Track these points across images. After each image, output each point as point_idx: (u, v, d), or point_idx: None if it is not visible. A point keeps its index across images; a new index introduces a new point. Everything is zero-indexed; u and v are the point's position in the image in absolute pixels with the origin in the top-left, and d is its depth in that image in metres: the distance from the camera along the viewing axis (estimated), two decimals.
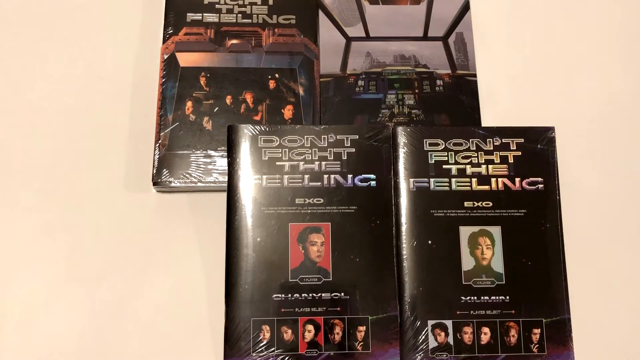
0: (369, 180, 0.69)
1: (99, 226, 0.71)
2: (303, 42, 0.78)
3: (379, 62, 0.79)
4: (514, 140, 0.72)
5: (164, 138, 0.73)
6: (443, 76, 0.78)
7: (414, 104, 0.77)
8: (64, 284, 0.69)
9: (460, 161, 0.71)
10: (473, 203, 0.70)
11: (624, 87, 0.80)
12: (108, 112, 0.75)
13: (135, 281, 0.69)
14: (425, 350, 0.66)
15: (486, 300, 0.67)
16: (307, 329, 0.66)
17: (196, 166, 0.72)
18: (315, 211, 0.68)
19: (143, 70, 0.77)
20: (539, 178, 0.71)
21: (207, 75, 0.76)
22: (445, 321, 0.67)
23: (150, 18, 0.79)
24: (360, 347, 0.66)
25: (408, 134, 0.71)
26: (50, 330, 0.67)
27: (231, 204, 0.68)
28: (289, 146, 0.70)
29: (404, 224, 0.69)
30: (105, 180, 0.73)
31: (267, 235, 0.67)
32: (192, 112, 0.74)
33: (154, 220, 0.72)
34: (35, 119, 0.75)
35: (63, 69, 0.77)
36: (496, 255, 0.68)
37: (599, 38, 0.83)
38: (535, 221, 0.69)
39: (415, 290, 0.67)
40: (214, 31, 0.78)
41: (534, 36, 0.82)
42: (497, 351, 0.66)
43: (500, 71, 0.80)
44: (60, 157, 0.73)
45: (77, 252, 0.70)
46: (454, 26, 0.80)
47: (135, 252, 0.70)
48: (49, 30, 0.79)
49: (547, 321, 0.67)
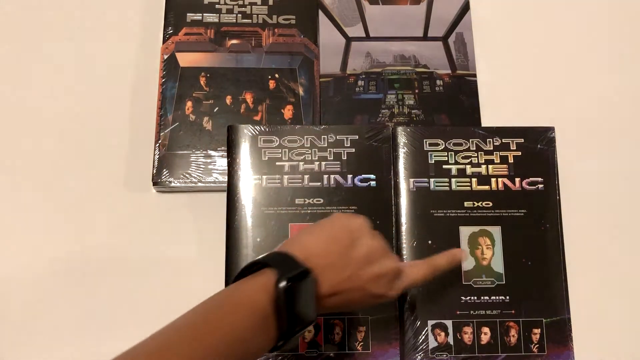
0: (369, 180, 0.69)
1: (99, 226, 0.71)
2: (303, 42, 0.78)
3: (379, 62, 0.79)
4: (514, 140, 0.72)
5: (164, 138, 0.73)
6: (443, 76, 0.78)
7: (414, 104, 0.77)
8: (63, 284, 0.69)
9: (460, 161, 0.71)
10: (473, 203, 0.70)
11: (624, 87, 0.80)
12: (108, 112, 0.75)
13: (135, 281, 0.69)
14: (425, 350, 0.66)
15: (486, 300, 0.67)
16: (307, 329, 0.66)
17: (196, 166, 0.72)
18: (315, 211, 0.68)
19: (143, 70, 0.77)
20: (539, 178, 0.71)
21: (207, 75, 0.76)
22: (445, 321, 0.67)
23: (150, 18, 0.79)
24: (360, 347, 0.66)
25: (408, 134, 0.71)
26: (50, 330, 0.67)
27: (231, 204, 0.68)
28: (288, 146, 0.70)
29: (404, 224, 0.69)
30: (105, 180, 0.73)
31: (267, 236, 0.67)
32: (192, 112, 0.74)
33: (154, 220, 0.72)
34: (35, 119, 0.75)
35: (63, 69, 0.77)
36: (496, 255, 0.68)
37: (599, 38, 0.83)
38: (535, 221, 0.69)
39: (415, 290, 0.67)
40: (214, 31, 0.78)
41: (534, 36, 0.82)
42: (497, 351, 0.66)
43: (500, 71, 0.80)
44: (60, 157, 0.73)
45: (77, 252, 0.70)
46: (454, 26, 0.80)
47: (135, 252, 0.70)
48: (49, 30, 0.79)
49: (547, 321, 0.67)
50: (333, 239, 0.53)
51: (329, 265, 0.51)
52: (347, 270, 0.52)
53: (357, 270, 0.52)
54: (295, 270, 0.48)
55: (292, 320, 0.48)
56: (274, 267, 0.48)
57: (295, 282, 0.47)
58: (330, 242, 0.53)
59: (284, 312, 0.47)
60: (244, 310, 0.46)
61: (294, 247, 0.52)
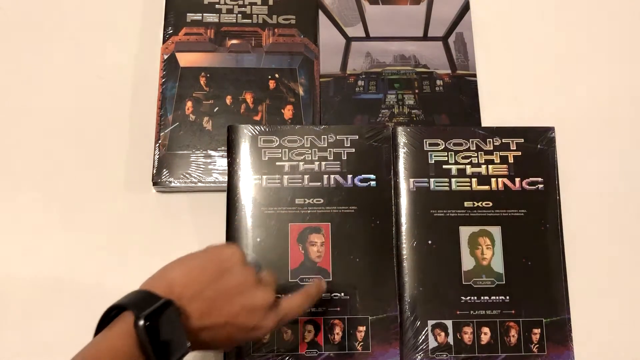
0: (369, 180, 0.69)
1: (99, 226, 0.71)
2: (303, 42, 0.78)
3: (379, 62, 0.79)
4: (514, 140, 0.72)
5: (164, 138, 0.73)
6: (443, 76, 0.78)
7: (414, 104, 0.77)
8: (63, 285, 0.69)
9: (460, 161, 0.71)
10: (473, 203, 0.70)
11: (624, 87, 0.80)
12: (108, 112, 0.75)
13: (135, 281, 0.69)
14: (425, 350, 0.66)
15: (486, 300, 0.67)
16: (307, 329, 0.66)
17: (196, 166, 0.72)
18: (315, 211, 0.68)
19: (143, 70, 0.77)
20: (539, 178, 0.71)
21: (207, 75, 0.76)
22: (445, 321, 0.67)
23: (150, 18, 0.79)
24: (360, 347, 0.66)
25: (408, 134, 0.71)
26: (49, 331, 0.67)
27: (231, 204, 0.68)
28: (288, 146, 0.70)
29: (404, 224, 0.69)
30: (105, 180, 0.73)
31: (267, 236, 0.67)
32: (192, 112, 0.74)
33: (154, 220, 0.72)
34: (36, 119, 0.75)
35: (63, 69, 0.77)
36: (496, 255, 0.68)
37: (599, 38, 0.82)
38: (535, 221, 0.69)
39: (415, 290, 0.67)
40: (214, 31, 0.78)
41: (533, 36, 0.82)
42: (497, 351, 0.66)
43: (500, 71, 0.80)
44: (60, 157, 0.73)
45: (77, 252, 0.70)
46: (454, 26, 0.80)
47: (135, 252, 0.70)
48: (49, 30, 0.79)
49: (547, 321, 0.67)
50: (201, 269, 0.52)
51: (194, 295, 0.50)
52: (215, 301, 0.51)
53: (225, 300, 0.51)
54: (154, 305, 0.47)
55: (163, 355, 0.46)
56: (130, 309, 0.47)
57: (154, 316, 0.46)
58: (197, 273, 0.51)
59: (149, 350, 0.46)
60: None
61: (154, 282, 0.51)
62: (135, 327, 0.46)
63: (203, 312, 0.50)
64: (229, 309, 0.51)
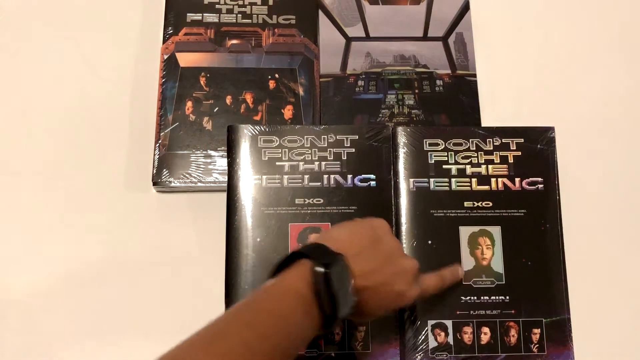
0: (369, 180, 0.69)
1: (99, 226, 0.71)
2: (303, 42, 0.78)
3: (379, 62, 0.79)
4: (514, 140, 0.72)
5: (164, 138, 0.73)
6: (443, 76, 0.78)
7: (414, 104, 0.77)
8: (63, 285, 0.69)
9: (460, 161, 0.71)
10: (473, 203, 0.70)
11: (624, 87, 0.80)
12: (108, 112, 0.75)
13: (135, 281, 0.69)
14: (425, 350, 0.66)
15: (486, 300, 0.67)
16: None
17: (196, 166, 0.72)
18: (315, 211, 0.68)
19: (143, 70, 0.77)
20: (539, 178, 0.71)
21: (207, 75, 0.76)
22: (445, 321, 0.67)
23: (150, 18, 0.79)
24: (360, 347, 0.66)
25: (408, 134, 0.71)
26: (49, 330, 0.67)
27: (231, 204, 0.68)
28: (288, 146, 0.70)
29: (404, 224, 0.69)
30: (105, 180, 0.73)
31: (267, 236, 0.67)
32: (192, 112, 0.74)
33: (154, 220, 0.72)
34: (36, 119, 0.75)
35: (63, 69, 0.77)
36: (496, 255, 0.68)
37: (599, 38, 0.82)
38: (535, 221, 0.69)
39: None
40: (214, 31, 0.78)
41: (533, 36, 0.82)
42: (497, 351, 0.66)
43: (500, 71, 0.80)
44: (60, 157, 0.73)
45: (77, 252, 0.70)
46: (454, 26, 0.81)
47: (135, 252, 0.70)
48: (49, 30, 0.79)
49: (547, 321, 0.67)
50: (360, 235, 0.56)
51: (357, 254, 0.54)
52: (373, 263, 0.55)
53: (382, 264, 0.55)
54: (329, 256, 0.52)
55: (332, 303, 0.50)
56: (308, 256, 0.51)
57: (329, 266, 0.50)
58: (358, 237, 0.56)
59: (323, 295, 0.49)
60: (289, 298, 0.50)
61: (324, 239, 0.55)
62: (313, 272, 0.50)
63: (364, 271, 0.53)
64: (386, 270, 0.55)
